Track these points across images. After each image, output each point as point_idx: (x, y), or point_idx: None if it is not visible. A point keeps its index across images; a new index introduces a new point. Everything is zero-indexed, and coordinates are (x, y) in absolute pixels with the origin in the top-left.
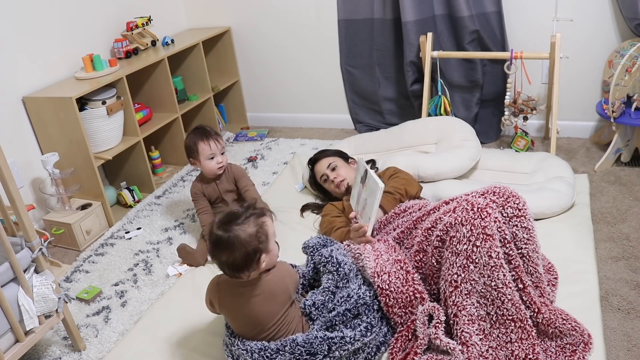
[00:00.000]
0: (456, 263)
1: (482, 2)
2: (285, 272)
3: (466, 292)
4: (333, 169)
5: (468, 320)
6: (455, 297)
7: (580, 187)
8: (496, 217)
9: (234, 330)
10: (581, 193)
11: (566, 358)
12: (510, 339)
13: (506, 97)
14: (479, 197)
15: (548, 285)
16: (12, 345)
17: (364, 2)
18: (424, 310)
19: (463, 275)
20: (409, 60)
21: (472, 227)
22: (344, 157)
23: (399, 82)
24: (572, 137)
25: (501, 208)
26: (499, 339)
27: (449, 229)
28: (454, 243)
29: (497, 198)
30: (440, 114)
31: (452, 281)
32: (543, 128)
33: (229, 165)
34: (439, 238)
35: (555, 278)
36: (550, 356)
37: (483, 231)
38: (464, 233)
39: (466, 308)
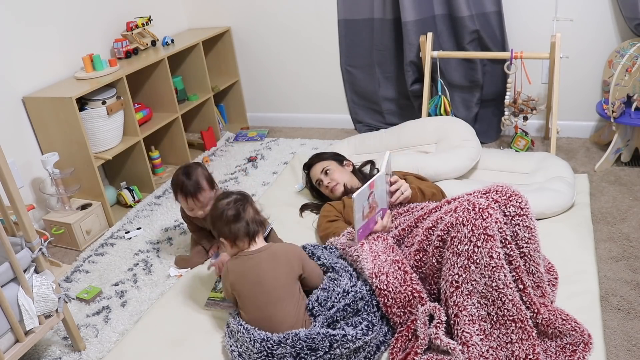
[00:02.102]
0: (457, 263)
1: (482, 2)
2: (289, 245)
3: (467, 293)
4: (326, 173)
5: (469, 320)
6: (456, 297)
7: (580, 187)
8: (497, 218)
9: (244, 312)
10: (581, 193)
11: (566, 358)
12: (511, 339)
13: (506, 97)
14: (480, 197)
15: (548, 285)
16: (12, 345)
17: (364, 2)
18: (424, 310)
19: (464, 275)
20: (409, 60)
21: (474, 228)
22: (339, 159)
23: (399, 82)
24: (572, 137)
25: (503, 207)
26: (499, 339)
27: (450, 229)
28: (455, 243)
29: (500, 197)
30: (440, 114)
31: (453, 281)
32: (543, 128)
33: None
34: (439, 238)
35: (555, 278)
36: (551, 356)
37: (484, 232)
38: (465, 233)
39: (467, 308)
